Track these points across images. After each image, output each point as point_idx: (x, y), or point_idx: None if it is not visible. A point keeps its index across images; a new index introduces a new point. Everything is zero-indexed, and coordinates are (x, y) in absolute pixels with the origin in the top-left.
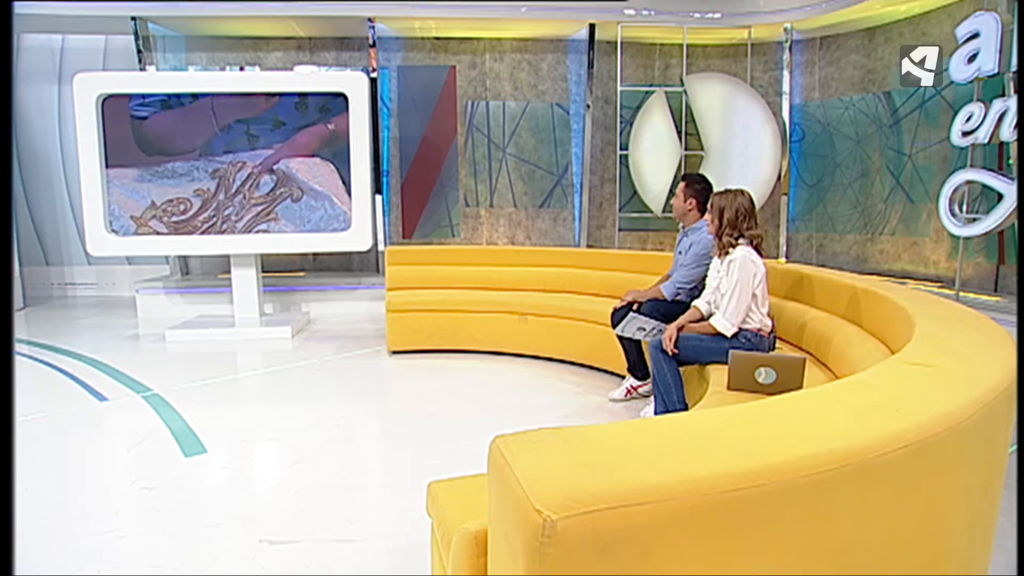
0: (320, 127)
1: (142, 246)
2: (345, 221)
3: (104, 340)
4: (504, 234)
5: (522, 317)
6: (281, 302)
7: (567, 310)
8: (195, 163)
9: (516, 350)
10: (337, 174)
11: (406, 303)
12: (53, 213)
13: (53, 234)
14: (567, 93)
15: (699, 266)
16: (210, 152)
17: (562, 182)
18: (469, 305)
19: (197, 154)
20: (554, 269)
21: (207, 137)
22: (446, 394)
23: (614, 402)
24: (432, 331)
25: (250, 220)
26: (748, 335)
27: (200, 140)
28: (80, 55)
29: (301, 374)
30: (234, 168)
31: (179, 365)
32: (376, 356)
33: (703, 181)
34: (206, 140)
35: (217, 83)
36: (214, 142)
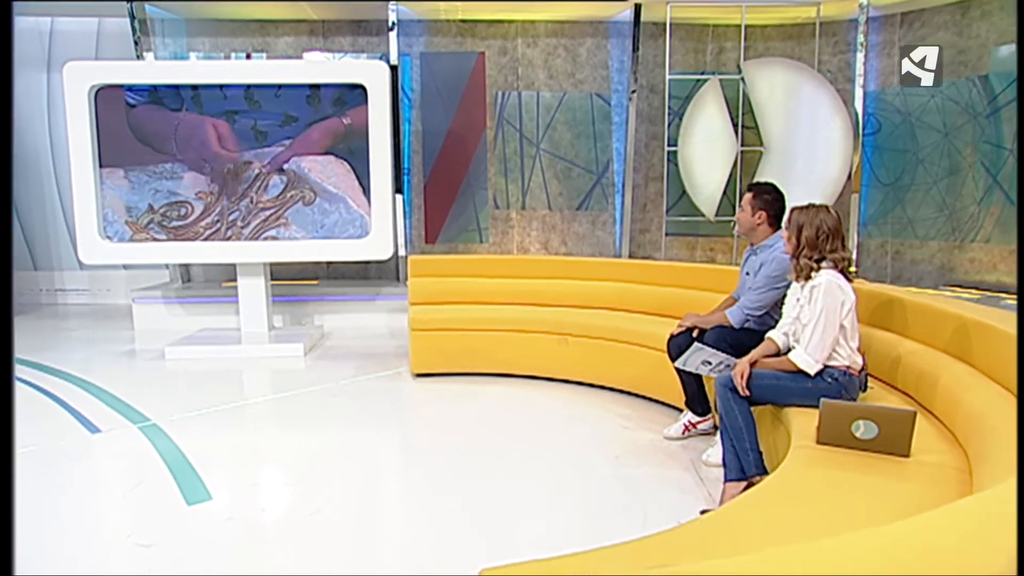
0: (334, 121)
1: (139, 254)
2: (362, 226)
3: (97, 357)
4: (537, 239)
5: (562, 339)
6: (292, 314)
7: (613, 331)
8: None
9: (555, 375)
10: (353, 174)
11: (432, 321)
12: (43, 213)
13: (42, 236)
14: (608, 82)
15: (771, 290)
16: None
17: (602, 181)
18: (502, 324)
19: (195, 163)
20: (598, 283)
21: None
22: (478, 426)
23: (669, 440)
24: (461, 352)
25: (258, 225)
26: (835, 373)
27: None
28: (71, 39)
29: (315, 401)
30: (240, 167)
31: (179, 388)
32: (398, 379)
33: (773, 191)
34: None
35: (221, 73)
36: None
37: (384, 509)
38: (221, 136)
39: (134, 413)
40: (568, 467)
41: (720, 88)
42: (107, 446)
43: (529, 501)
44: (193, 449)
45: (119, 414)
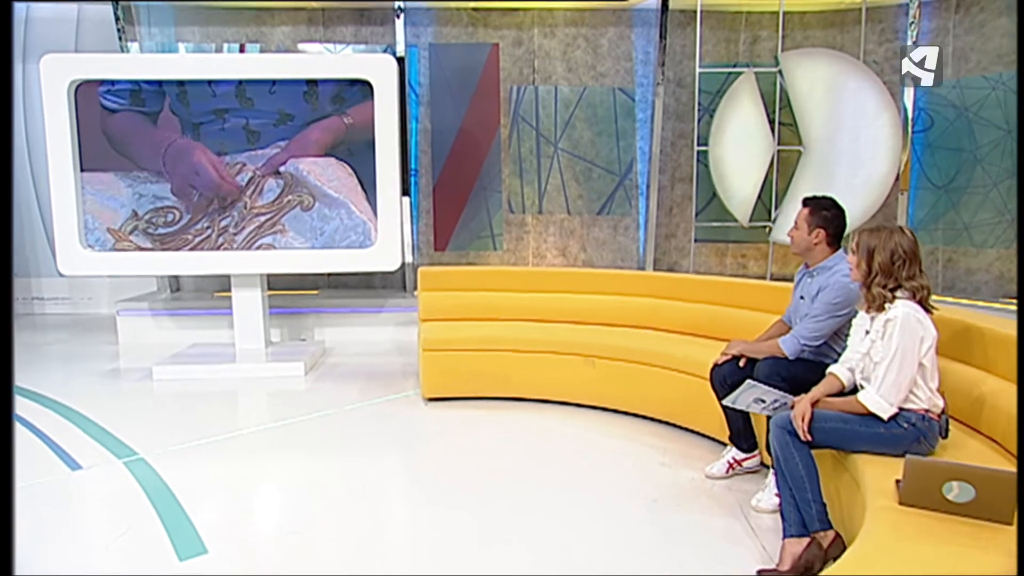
0: (334, 120)
1: (123, 264)
2: (364, 233)
3: (77, 377)
4: (554, 244)
5: (589, 361)
6: (290, 327)
7: (644, 353)
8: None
9: (580, 400)
10: (355, 177)
11: (444, 340)
12: (18, 215)
13: (18, 240)
14: (632, 75)
15: (831, 318)
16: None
17: (624, 183)
18: (522, 344)
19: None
20: (626, 298)
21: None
22: (497, 459)
23: (712, 480)
24: (476, 375)
25: (252, 233)
26: (911, 418)
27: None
28: (48, 27)
29: (318, 430)
30: (232, 171)
31: (169, 415)
32: (408, 404)
33: (832, 206)
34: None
35: (213, 67)
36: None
37: (396, 561)
38: (216, 166)
39: (119, 445)
40: (598, 512)
41: (755, 82)
42: (89, 486)
43: (553, 553)
44: (185, 489)
45: (102, 446)
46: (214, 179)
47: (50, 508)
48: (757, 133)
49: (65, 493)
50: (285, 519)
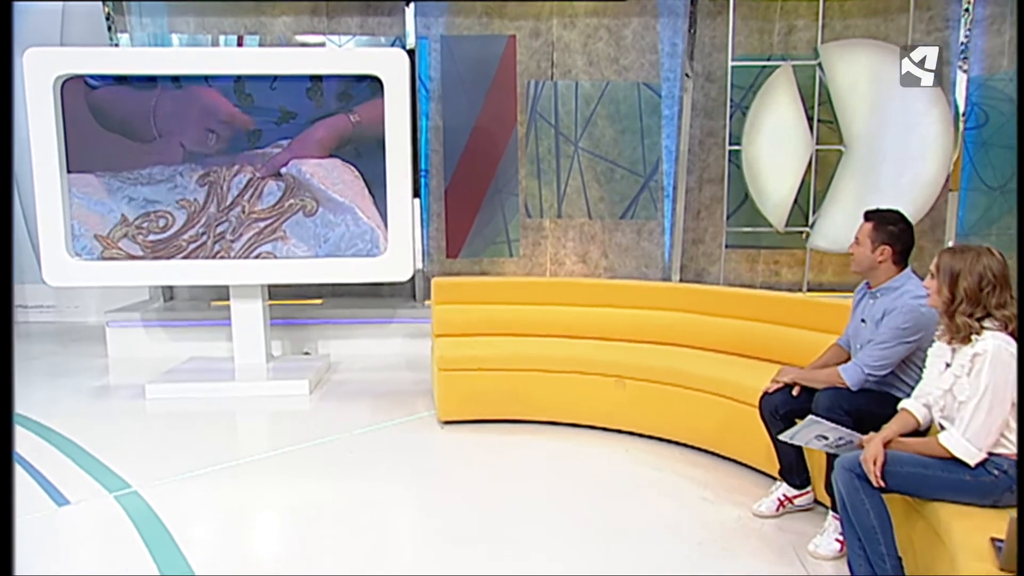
0: (340, 119)
1: (114, 274)
2: (372, 241)
3: (64, 395)
4: (573, 250)
5: (618, 382)
6: (292, 339)
7: (679, 374)
8: (179, 167)
9: (609, 424)
10: (362, 180)
11: (461, 359)
12: None
13: None
14: (657, 69)
15: (900, 344)
16: (195, 152)
17: (649, 185)
18: (544, 362)
19: (180, 157)
20: (657, 312)
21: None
22: (520, 492)
23: (761, 519)
24: (495, 396)
25: (251, 240)
26: (1002, 464)
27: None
28: (32, 18)
29: (325, 457)
30: (229, 172)
31: (164, 439)
32: (423, 427)
33: (899, 220)
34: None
35: (211, 62)
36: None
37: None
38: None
39: (109, 476)
40: (636, 556)
41: (793, 76)
42: (77, 524)
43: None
44: (181, 526)
45: (91, 477)
46: (231, 111)
47: (34, 550)
48: (794, 131)
49: (51, 532)
50: (289, 559)
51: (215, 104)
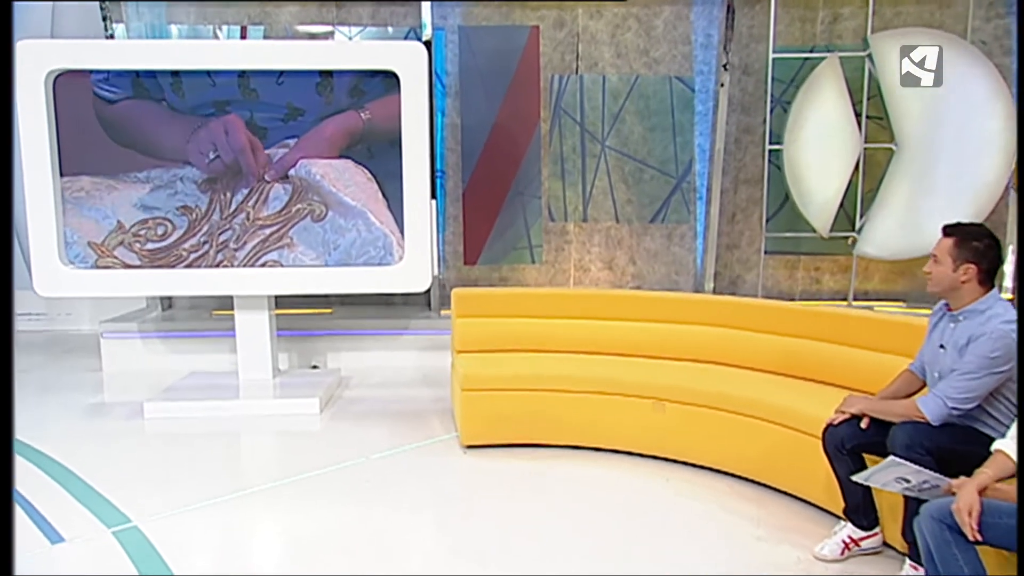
0: (350, 116)
1: (110, 284)
2: (386, 248)
3: (56, 414)
4: (599, 256)
5: (657, 404)
6: (299, 351)
7: (724, 397)
8: (178, 171)
9: (646, 450)
10: (375, 182)
11: (486, 379)
12: None
13: None
14: (690, 61)
15: (989, 375)
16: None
17: (682, 186)
18: (575, 382)
19: (181, 160)
20: (700, 328)
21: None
22: (552, 526)
23: (824, 562)
24: (523, 418)
25: (256, 248)
26: None
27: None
28: (21, 10)
29: (340, 486)
30: (233, 176)
31: (165, 465)
32: (444, 452)
33: (985, 235)
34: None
35: (215, 56)
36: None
37: None
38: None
39: (107, 508)
40: None
41: (840, 68)
42: (72, 564)
43: None
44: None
45: (87, 509)
46: (240, 142)
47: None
48: (841, 129)
49: (45, 573)
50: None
51: (236, 131)
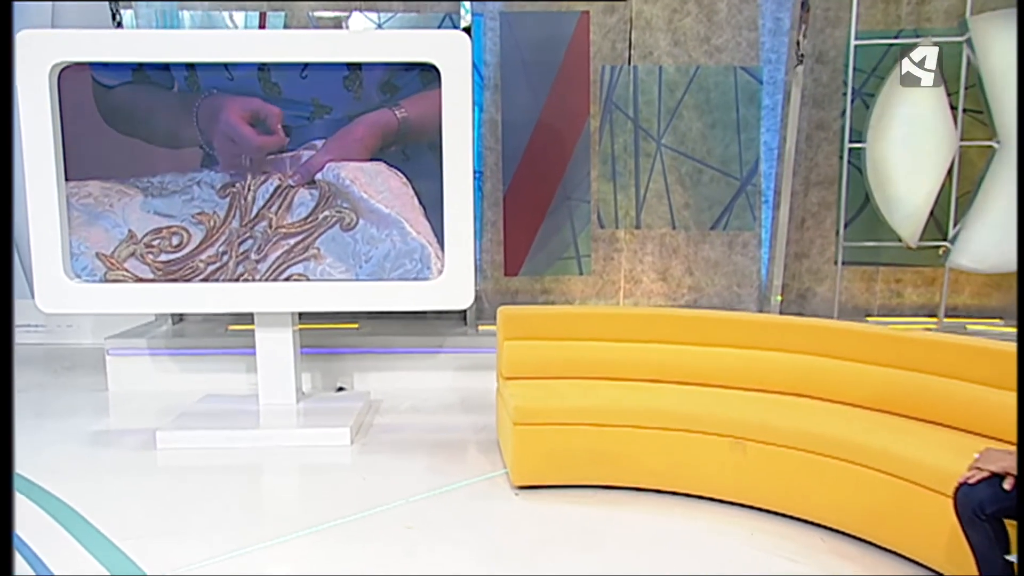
0: (383, 115)
1: (120, 299)
2: (423, 260)
3: (58, 443)
4: (652, 266)
5: (737, 444)
6: (323, 370)
7: (820, 439)
8: (195, 174)
9: (726, 496)
10: (410, 187)
11: (541, 411)
12: None
13: None
14: (757, 49)
15: None
16: (215, 157)
17: (746, 189)
18: (643, 416)
19: (199, 162)
20: (789, 355)
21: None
22: None
23: None
24: (584, 456)
25: (279, 260)
26: None
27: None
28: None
29: (377, 533)
30: (254, 180)
31: (179, 505)
32: (494, 493)
33: None
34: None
35: (232, 48)
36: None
37: None
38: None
39: (117, 557)
40: None
41: (933, 55)
42: None
43: None
44: None
45: (95, 558)
46: (254, 144)
47: None
48: (934, 124)
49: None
50: None
51: (240, 131)
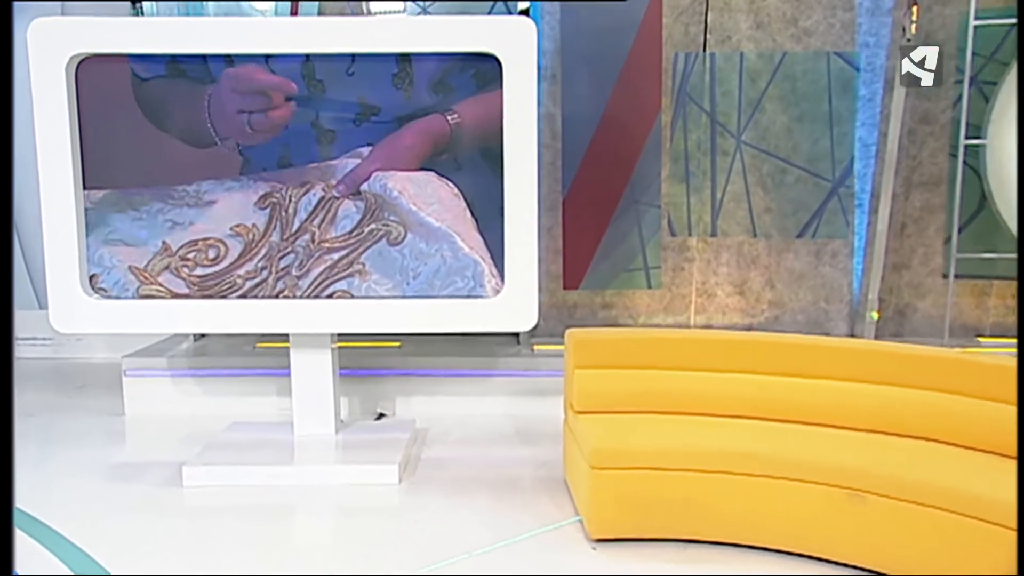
0: (434, 121)
1: (141, 319)
2: (475, 277)
3: (71, 477)
4: (728, 278)
5: (854, 496)
6: (361, 394)
7: (961, 497)
8: (233, 183)
9: (841, 557)
10: (461, 199)
11: (623, 453)
12: None
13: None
14: (852, 32)
15: None
16: (254, 164)
17: (838, 192)
18: (742, 461)
19: (238, 169)
20: (919, 392)
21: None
22: None
23: None
24: (673, 505)
25: (322, 275)
26: None
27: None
28: None
29: None
30: (296, 190)
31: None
32: (568, 546)
33: None
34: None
35: (271, 36)
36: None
37: None
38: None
39: None
40: None
41: None
42: None
43: None
44: None
45: None
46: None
47: None
48: None
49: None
50: None
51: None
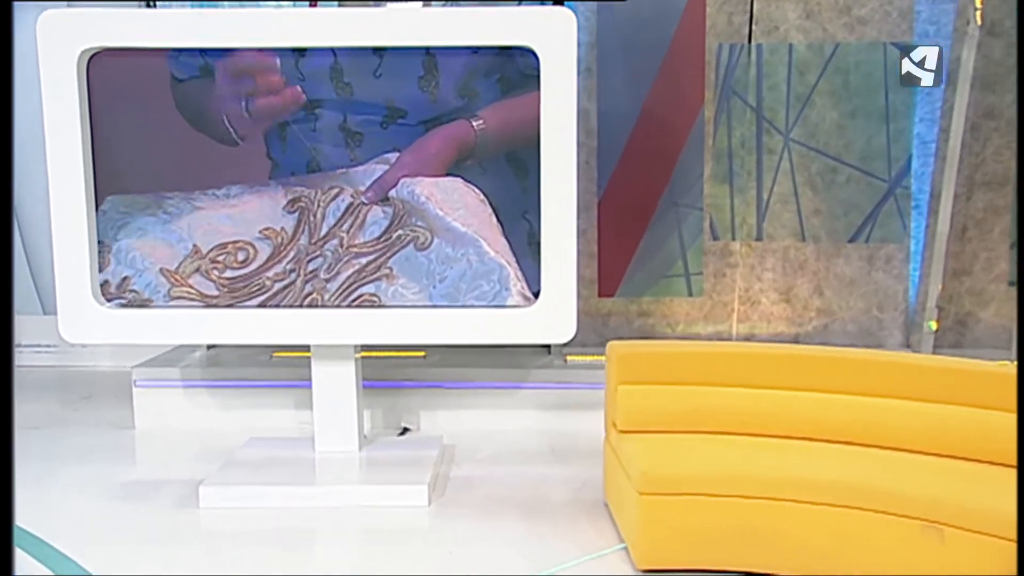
0: (460, 126)
1: (158, 328)
2: (501, 282)
3: (78, 497)
4: (773, 285)
5: (930, 528)
6: (384, 407)
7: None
8: (261, 187)
9: None
10: (487, 204)
11: (674, 478)
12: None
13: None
14: (910, 20)
15: None
16: (283, 168)
17: (895, 193)
18: (803, 488)
19: (267, 173)
20: (1000, 414)
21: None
22: None
23: None
24: (728, 535)
25: (349, 279)
26: None
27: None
28: None
29: None
30: (324, 195)
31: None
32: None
33: None
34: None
35: (298, 29)
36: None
37: None
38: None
39: None
40: None
41: None
42: None
43: None
44: None
45: None
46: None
47: None
48: None
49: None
50: None
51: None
